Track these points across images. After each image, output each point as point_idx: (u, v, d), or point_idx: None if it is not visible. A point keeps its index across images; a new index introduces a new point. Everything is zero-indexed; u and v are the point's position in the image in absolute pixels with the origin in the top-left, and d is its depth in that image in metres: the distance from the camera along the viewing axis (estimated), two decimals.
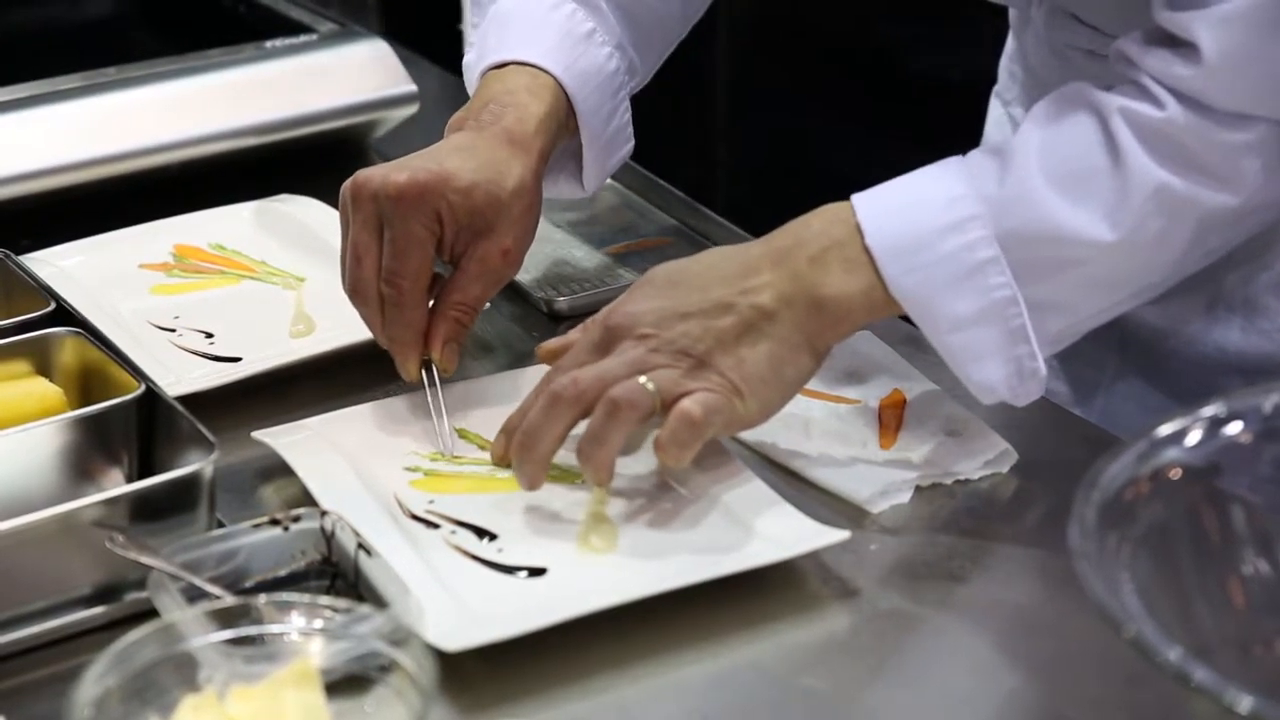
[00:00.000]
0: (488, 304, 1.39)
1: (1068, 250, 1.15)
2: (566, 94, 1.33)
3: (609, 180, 1.59)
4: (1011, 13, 1.46)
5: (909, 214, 1.16)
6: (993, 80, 1.54)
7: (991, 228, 1.15)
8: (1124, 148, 1.15)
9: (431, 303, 1.27)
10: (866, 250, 1.16)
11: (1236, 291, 1.33)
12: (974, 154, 1.19)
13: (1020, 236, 1.15)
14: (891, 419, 1.27)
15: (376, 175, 1.25)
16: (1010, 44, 1.50)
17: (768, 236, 1.19)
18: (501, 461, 1.21)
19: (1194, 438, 0.94)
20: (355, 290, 1.26)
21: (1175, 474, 0.94)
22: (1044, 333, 1.17)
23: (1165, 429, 0.94)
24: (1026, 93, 1.46)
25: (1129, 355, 1.41)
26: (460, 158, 1.27)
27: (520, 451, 1.16)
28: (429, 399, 1.26)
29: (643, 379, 1.14)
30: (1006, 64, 1.51)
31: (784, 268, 1.17)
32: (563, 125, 1.34)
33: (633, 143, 1.41)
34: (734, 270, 1.17)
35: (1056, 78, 1.24)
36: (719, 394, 1.14)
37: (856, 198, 1.18)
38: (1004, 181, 1.16)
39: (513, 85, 1.32)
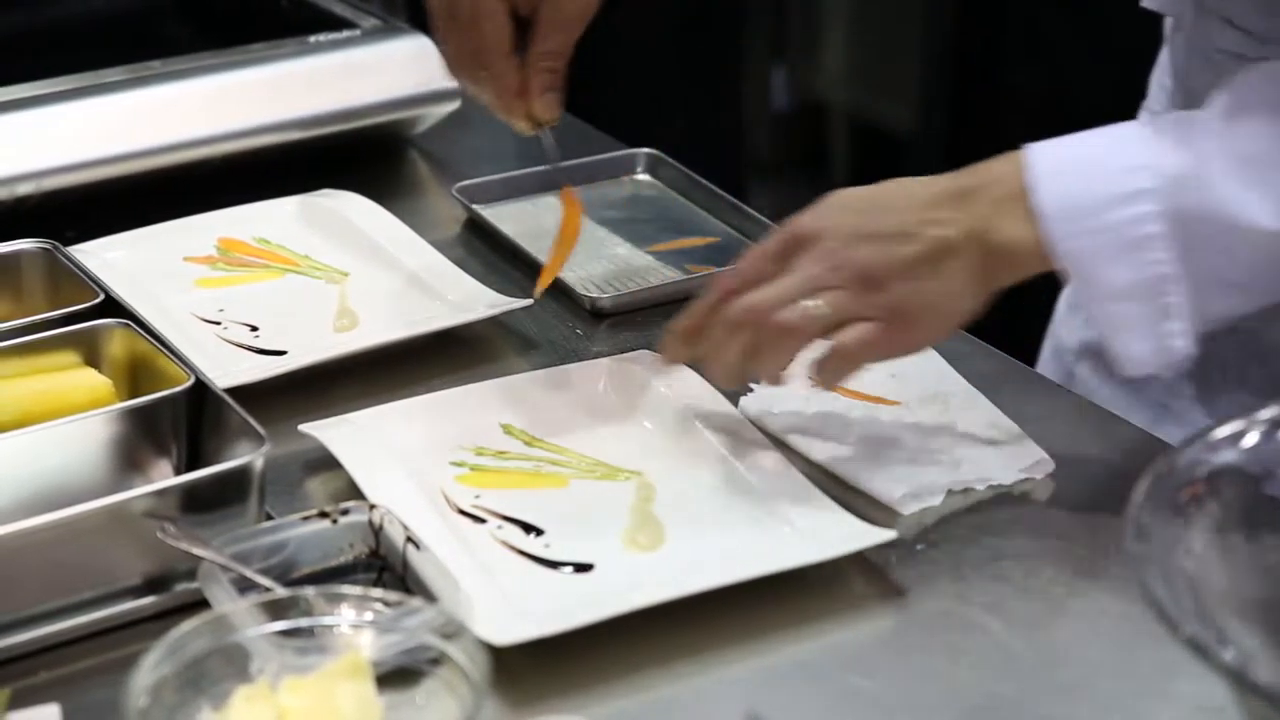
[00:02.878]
0: (531, 300, 1.40)
1: (1236, 234, 1.15)
2: None
3: (651, 179, 1.60)
4: (1166, 21, 1.45)
5: (1081, 178, 1.17)
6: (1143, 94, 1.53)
7: (1163, 203, 1.15)
8: None
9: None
10: (1035, 207, 1.17)
11: None
12: (1159, 121, 1.19)
13: (1190, 215, 1.15)
14: None
15: None
16: (1161, 55, 1.49)
17: (954, 173, 1.21)
18: (675, 360, 1.25)
19: (1251, 440, 0.95)
20: (452, 70, 1.33)
21: (1231, 476, 0.94)
22: (1207, 311, 1.17)
23: (1221, 431, 0.94)
24: (1174, 102, 1.44)
25: (1270, 370, 1.40)
26: None
27: (707, 368, 1.22)
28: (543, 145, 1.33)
29: (816, 301, 1.17)
30: (1156, 75, 1.50)
31: (967, 207, 1.18)
32: None
33: None
34: (920, 201, 1.19)
35: (1204, 85, 1.24)
36: (882, 324, 1.17)
37: (1033, 149, 1.19)
38: (1184, 157, 1.16)
39: None
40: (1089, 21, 2.76)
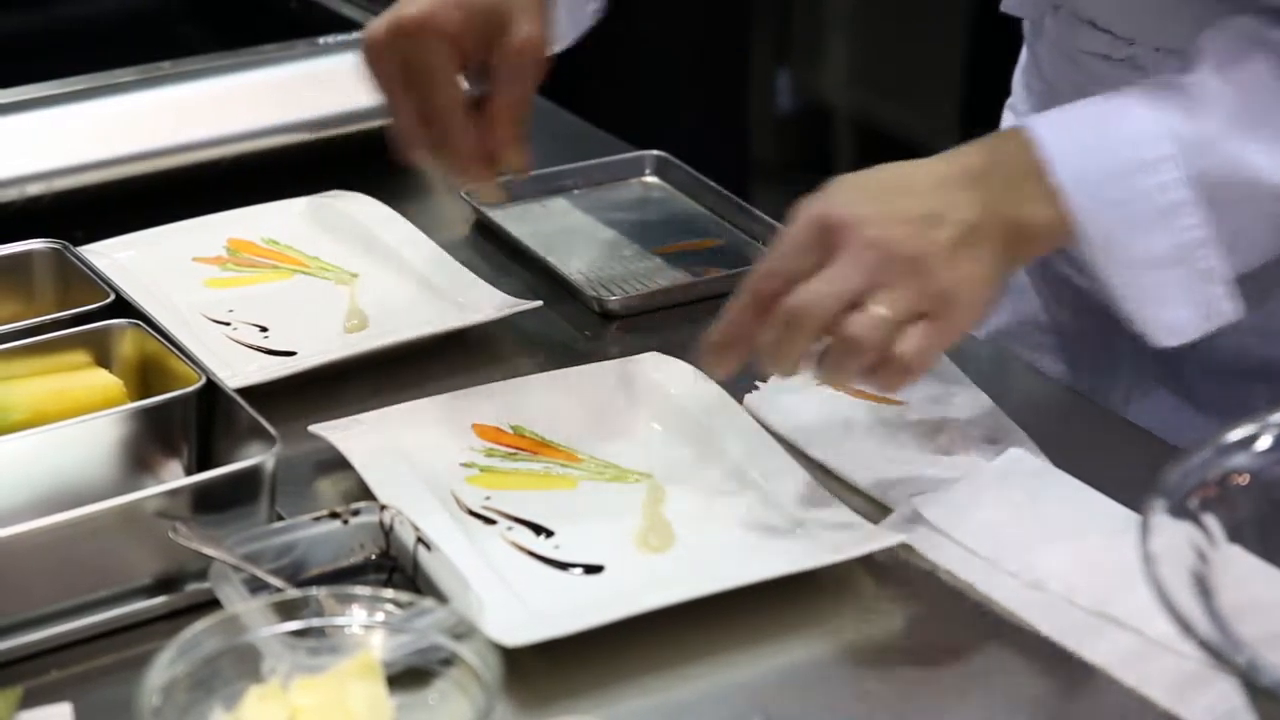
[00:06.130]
0: (540, 302, 1.40)
1: (1259, 191, 1.15)
2: None
3: (659, 181, 1.60)
4: (1025, 23, 1.46)
5: (1098, 149, 1.15)
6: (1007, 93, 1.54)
7: (1186, 169, 1.15)
8: None
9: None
10: (1056, 183, 1.15)
11: (1251, 300, 1.33)
12: (1153, 88, 1.18)
13: (1212, 178, 1.15)
14: None
15: (382, 23, 1.25)
16: (1024, 55, 1.49)
17: (954, 154, 1.17)
18: (723, 374, 1.18)
19: (1264, 443, 0.95)
20: (404, 140, 1.27)
21: (1243, 480, 0.94)
22: (1236, 269, 1.17)
23: (1234, 434, 0.94)
24: (1042, 103, 1.45)
25: (1144, 362, 1.40)
26: None
27: (766, 364, 1.15)
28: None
29: (880, 309, 1.11)
30: (1020, 75, 1.50)
31: (981, 188, 1.15)
32: None
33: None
34: (933, 183, 1.15)
35: (1071, 85, 1.24)
36: (930, 323, 1.12)
37: (1041, 127, 1.16)
38: (1192, 121, 1.15)
39: None
40: None
